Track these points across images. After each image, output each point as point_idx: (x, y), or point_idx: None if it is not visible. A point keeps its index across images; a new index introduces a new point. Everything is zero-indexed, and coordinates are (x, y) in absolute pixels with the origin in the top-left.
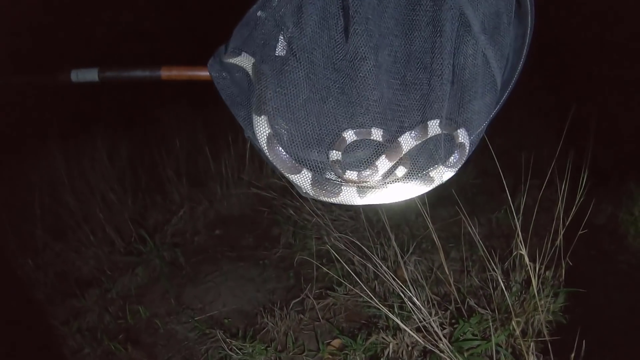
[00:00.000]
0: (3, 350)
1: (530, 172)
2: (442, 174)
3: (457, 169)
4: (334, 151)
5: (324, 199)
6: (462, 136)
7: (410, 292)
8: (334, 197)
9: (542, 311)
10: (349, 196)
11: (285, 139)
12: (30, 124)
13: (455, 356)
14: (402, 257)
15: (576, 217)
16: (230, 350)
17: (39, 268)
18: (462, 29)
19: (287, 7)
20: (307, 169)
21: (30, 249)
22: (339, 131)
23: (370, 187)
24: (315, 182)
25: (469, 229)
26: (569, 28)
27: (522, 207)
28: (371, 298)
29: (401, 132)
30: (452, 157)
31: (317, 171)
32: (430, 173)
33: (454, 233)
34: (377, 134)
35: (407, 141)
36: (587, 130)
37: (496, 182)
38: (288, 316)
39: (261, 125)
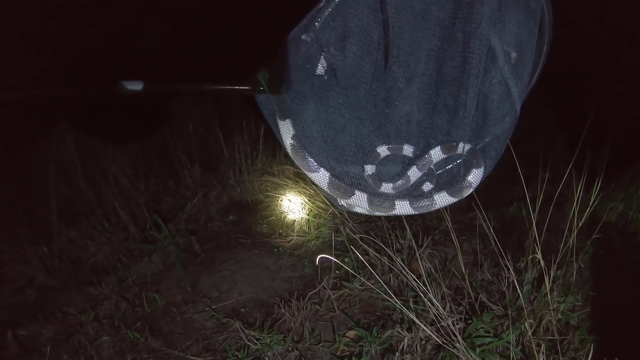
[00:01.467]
0: (22, 338)
1: (544, 164)
2: (462, 191)
3: (474, 188)
4: (369, 165)
5: (356, 210)
6: (479, 158)
7: (426, 287)
8: (361, 208)
9: (552, 310)
10: (380, 208)
11: (324, 156)
12: (41, 109)
13: (468, 352)
14: (417, 250)
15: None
16: (249, 340)
17: (54, 254)
18: (489, 60)
19: (331, 33)
20: (346, 183)
21: (44, 235)
22: (373, 147)
23: (398, 201)
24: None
25: (482, 222)
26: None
27: (538, 204)
28: (386, 293)
29: (429, 149)
30: (470, 177)
31: (354, 184)
32: (451, 189)
33: (466, 224)
34: (408, 150)
35: (437, 154)
36: (605, 129)
37: (509, 173)
38: (305, 307)
39: (299, 159)
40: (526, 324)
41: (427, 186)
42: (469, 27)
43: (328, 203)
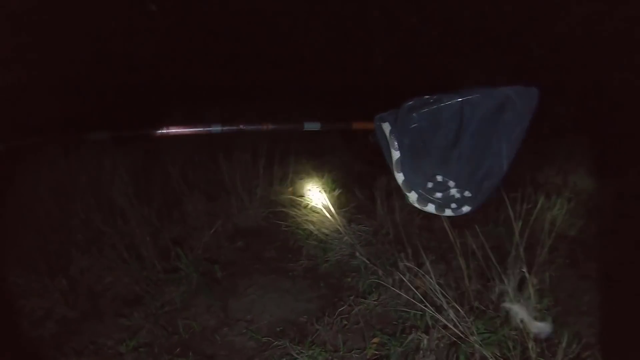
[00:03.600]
0: None
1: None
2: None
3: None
4: (430, 182)
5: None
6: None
7: (437, 297)
8: (425, 207)
9: (533, 310)
10: (431, 209)
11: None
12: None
13: (478, 344)
14: (421, 267)
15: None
16: (297, 354)
17: (72, 287)
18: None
19: (429, 122)
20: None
21: (59, 266)
22: (435, 174)
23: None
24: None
25: (469, 240)
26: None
27: (519, 225)
28: (406, 305)
29: (464, 188)
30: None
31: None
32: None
33: (451, 244)
34: (452, 183)
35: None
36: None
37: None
38: (334, 322)
39: (399, 178)
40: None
41: (453, 205)
42: (499, 134)
43: (340, 229)
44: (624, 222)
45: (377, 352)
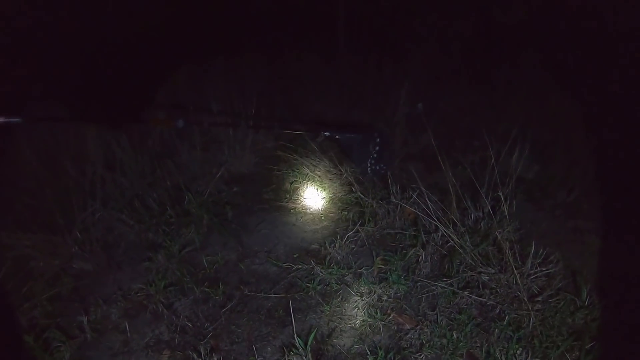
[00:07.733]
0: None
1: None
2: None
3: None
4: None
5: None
6: None
7: (428, 221)
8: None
9: (503, 229)
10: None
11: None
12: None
13: (467, 253)
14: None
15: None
16: (320, 272)
17: (85, 240)
18: None
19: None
20: None
21: (68, 224)
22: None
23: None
24: None
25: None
26: None
27: (489, 168)
28: (402, 228)
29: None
30: None
31: None
32: None
33: (429, 183)
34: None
35: None
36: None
37: (447, 142)
38: (344, 245)
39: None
40: (496, 233)
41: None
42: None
43: (334, 169)
44: (575, 168)
45: (383, 266)
